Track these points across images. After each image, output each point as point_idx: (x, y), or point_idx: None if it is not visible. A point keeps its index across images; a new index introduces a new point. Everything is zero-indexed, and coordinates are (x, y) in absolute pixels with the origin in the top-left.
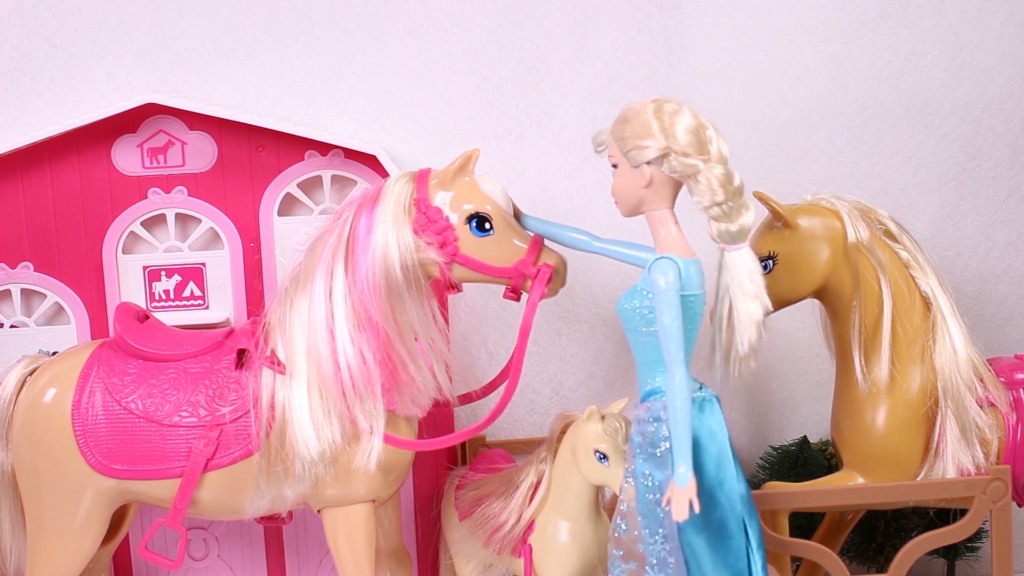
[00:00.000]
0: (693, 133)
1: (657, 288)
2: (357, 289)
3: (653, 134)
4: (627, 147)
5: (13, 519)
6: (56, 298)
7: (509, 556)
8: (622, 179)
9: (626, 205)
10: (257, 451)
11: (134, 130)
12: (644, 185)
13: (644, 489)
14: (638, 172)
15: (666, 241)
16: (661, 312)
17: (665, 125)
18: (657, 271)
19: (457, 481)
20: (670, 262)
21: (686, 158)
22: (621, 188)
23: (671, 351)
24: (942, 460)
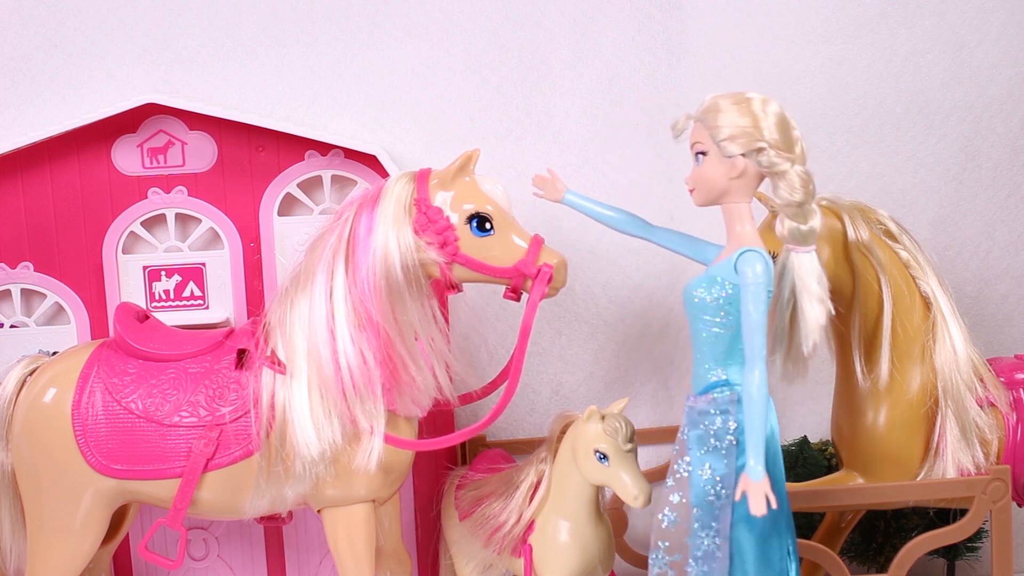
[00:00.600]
0: (785, 130)
1: (746, 280)
2: (357, 289)
3: (754, 126)
4: (722, 135)
5: (13, 519)
6: (56, 298)
7: (509, 556)
8: (710, 168)
9: (708, 194)
10: (257, 451)
11: (134, 130)
12: (735, 176)
13: (704, 481)
14: (730, 162)
15: (745, 235)
16: (749, 304)
17: (765, 119)
18: (746, 263)
19: (457, 481)
20: (759, 255)
21: (779, 155)
22: (708, 176)
23: (755, 345)
24: (942, 460)
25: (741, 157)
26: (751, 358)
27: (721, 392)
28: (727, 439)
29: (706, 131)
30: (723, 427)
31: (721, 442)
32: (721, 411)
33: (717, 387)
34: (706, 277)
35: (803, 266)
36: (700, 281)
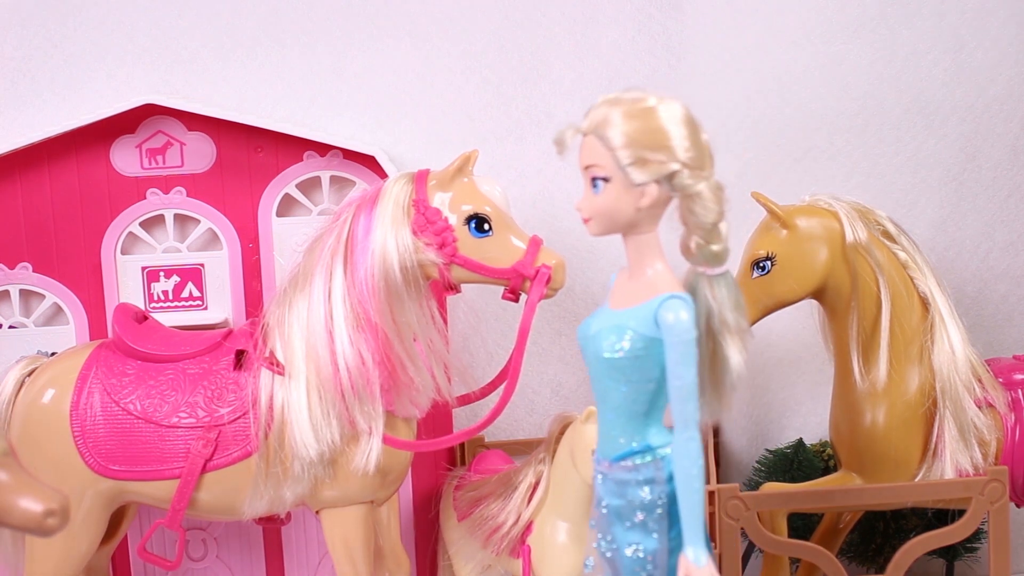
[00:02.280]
0: (697, 140)
1: (672, 335)
2: (356, 290)
3: (666, 146)
4: (627, 159)
5: None
6: (55, 299)
7: (507, 557)
8: (613, 198)
9: (610, 226)
10: (256, 452)
11: (133, 131)
12: (644, 206)
13: (633, 562)
14: (638, 191)
15: (659, 277)
16: (679, 365)
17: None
18: (671, 311)
19: (456, 482)
20: (683, 303)
21: (696, 176)
22: (610, 208)
23: (688, 411)
24: (940, 461)
25: (654, 184)
26: (685, 425)
27: (643, 459)
28: (656, 511)
29: (606, 152)
30: (651, 500)
31: (650, 515)
32: (646, 481)
33: (636, 454)
34: (613, 326)
35: (718, 294)
36: (605, 331)
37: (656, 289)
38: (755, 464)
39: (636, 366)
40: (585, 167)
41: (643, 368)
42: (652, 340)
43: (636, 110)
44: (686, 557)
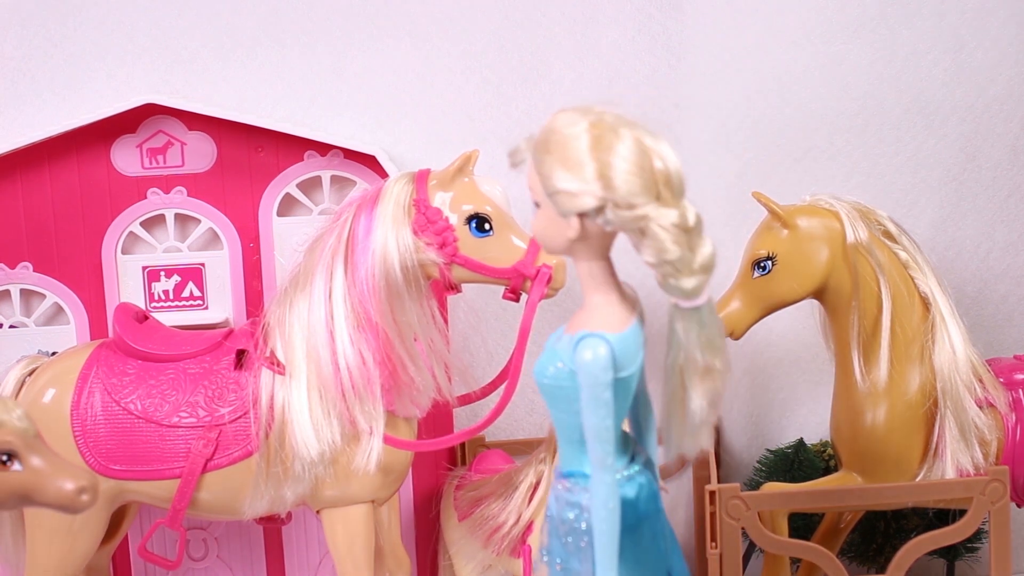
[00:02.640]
0: (637, 172)
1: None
2: (357, 290)
3: (586, 179)
4: (551, 188)
5: (13, 520)
6: (55, 298)
7: (508, 557)
8: (545, 223)
9: (552, 250)
10: (256, 452)
11: (133, 130)
12: (573, 237)
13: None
14: (564, 222)
15: (595, 310)
16: (587, 408)
17: (603, 166)
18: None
19: (456, 482)
20: (600, 342)
21: (629, 211)
22: (544, 233)
23: (597, 453)
24: (941, 461)
25: (575, 218)
26: (595, 466)
27: (576, 483)
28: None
29: (536, 176)
30: (576, 526)
31: (576, 540)
32: (575, 505)
33: (574, 476)
34: (551, 354)
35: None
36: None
37: (586, 323)
38: (756, 464)
39: (562, 395)
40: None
41: (568, 399)
42: (573, 373)
43: (571, 135)
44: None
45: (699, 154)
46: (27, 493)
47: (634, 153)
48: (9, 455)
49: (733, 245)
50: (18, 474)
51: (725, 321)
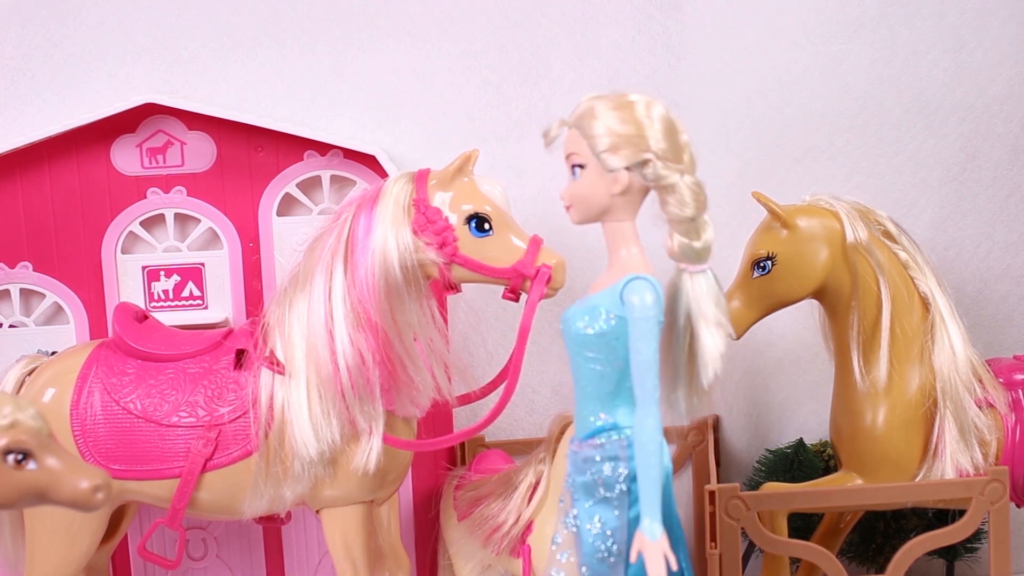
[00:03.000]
0: (673, 136)
1: (634, 312)
2: (356, 289)
3: (639, 135)
4: (602, 146)
5: (13, 520)
6: (55, 298)
7: (507, 556)
8: (589, 183)
9: (587, 212)
10: (256, 451)
11: (133, 130)
12: (618, 192)
13: (593, 537)
14: (611, 177)
15: (631, 260)
16: (639, 341)
17: (651, 125)
18: (634, 292)
19: (456, 481)
20: (648, 283)
21: (667, 166)
22: (586, 193)
23: (647, 387)
24: (941, 461)
25: (625, 171)
26: (643, 401)
27: (608, 437)
28: (617, 488)
29: (583, 140)
30: (612, 475)
31: (611, 491)
32: (609, 457)
33: (603, 431)
34: (587, 307)
35: (698, 288)
36: (580, 311)
37: (625, 270)
38: (755, 464)
39: (604, 344)
40: (567, 156)
41: (610, 346)
42: (619, 319)
43: (616, 104)
44: (641, 531)
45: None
46: (42, 492)
47: (672, 122)
48: (24, 454)
49: (733, 245)
50: (33, 473)
51: None
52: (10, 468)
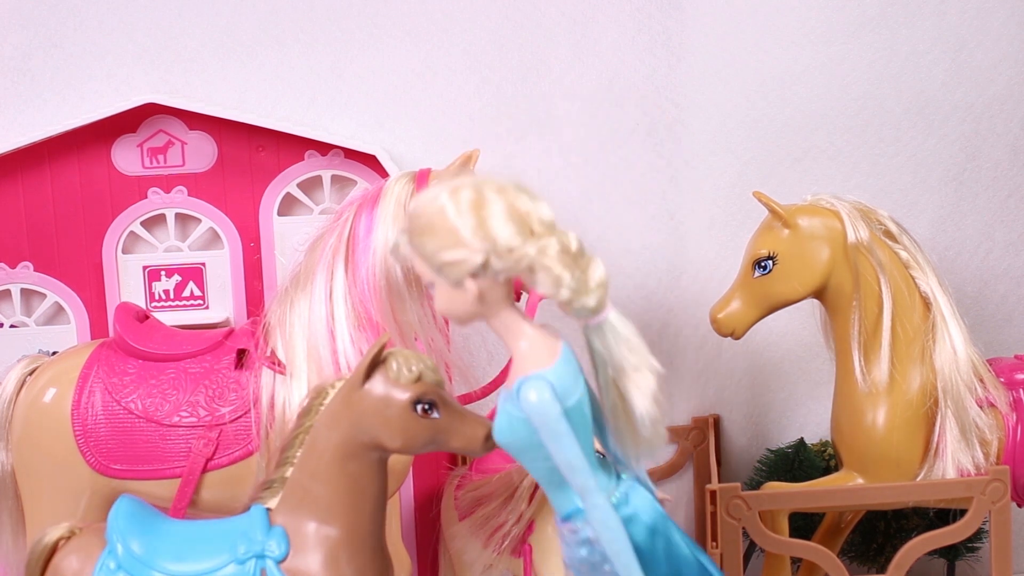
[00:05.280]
0: (507, 217)
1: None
2: (357, 289)
3: (464, 241)
4: (437, 263)
5: (14, 519)
6: (56, 298)
7: (509, 556)
8: (446, 298)
9: (463, 320)
10: (257, 451)
11: (134, 130)
12: (471, 300)
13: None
14: (461, 290)
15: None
16: (551, 443)
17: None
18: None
19: (457, 481)
20: (535, 382)
21: (512, 254)
22: (448, 307)
23: (579, 481)
24: (942, 460)
25: (470, 279)
26: (583, 494)
27: (577, 521)
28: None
29: (421, 260)
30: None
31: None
32: (584, 543)
33: (574, 516)
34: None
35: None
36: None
37: (520, 370)
38: (756, 464)
39: (528, 446)
40: None
41: (535, 446)
42: (526, 421)
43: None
44: None
45: (699, 154)
46: (441, 438)
47: (497, 203)
48: (430, 404)
49: (733, 245)
50: (435, 421)
51: (725, 321)
52: (418, 416)
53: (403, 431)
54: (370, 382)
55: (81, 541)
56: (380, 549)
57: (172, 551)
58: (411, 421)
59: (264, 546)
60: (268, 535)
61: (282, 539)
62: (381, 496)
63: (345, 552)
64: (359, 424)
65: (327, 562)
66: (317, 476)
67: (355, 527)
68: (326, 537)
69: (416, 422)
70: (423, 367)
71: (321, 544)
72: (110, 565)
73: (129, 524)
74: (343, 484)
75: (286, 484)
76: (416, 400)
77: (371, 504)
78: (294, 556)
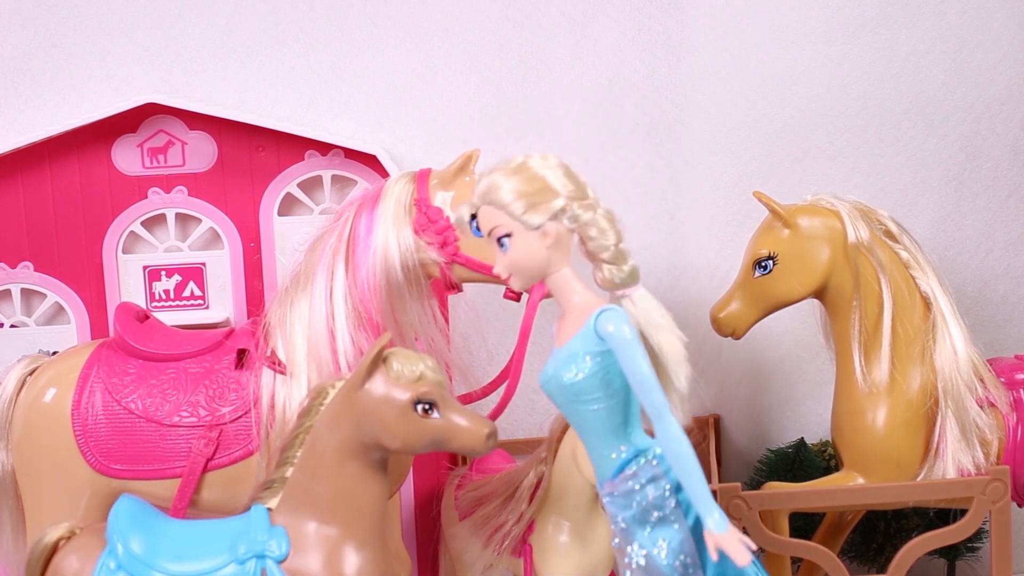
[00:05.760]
0: (573, 178)
1: (616, 340)
2: (358, 289)
3: (547, 187)
4: (521, 208)
5: (14, 519)
6: (56, 298)
7: (509, 556)
8: (523, 247)
9: (530, 274)
10: (257, 451)
11: (134, 130)
12: (550, 244)
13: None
14: (539, 233)
15: (585, 302)
16: (631, 363)
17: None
18: (608, 322)
19: (457, 481)
20: (616, 311)
21: (580, 205)
22: (523, 257)
23: (655, 400)
24: (942, 460)
25: (550, 222)
26: (658, 415)
27: (638, 463)
28: (668, 505)
29: (499, 212)
30: (659, 495)
31: (664, 510)
32: (649, 480)
33: (631, 462)
34: (567, 357)
35: (641, 306)
36: (562, 364)
37: (587, 311)
38: (756, 464)
39: (599, 383)
40: (488, 233)
41: (605, 382)
42: (603, 354)
43: (510, 169)
44: (708, 530)
45: (699, 154)
46: (442, 439)
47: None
48: (431, 404)
49: (733, 245)
50: (436, 421)
51: (726, 321)
52: (418, 416)
53: (403, 431)
54: (370, 382)
55: (81, 541)
56: (380, 549)
57: (172, 551)
58: (411, 421)
59: (264, 546)
60: (268, 535)
61: (282, 539)
62: (381, 496)
63: (345, 552)
64: (359, 424)
65: (327, 562)
66: (317, 476)
67: (355, 527)
68: (326, 537)
69: (416, 422)
70: (424, 367)
71: (321, 544)
72: (110, 565)
73: (129, 524)
74: (343, 484)
75: (286, 484)
76: (416, 400)
77: (371, 504)
78: (294, 556)
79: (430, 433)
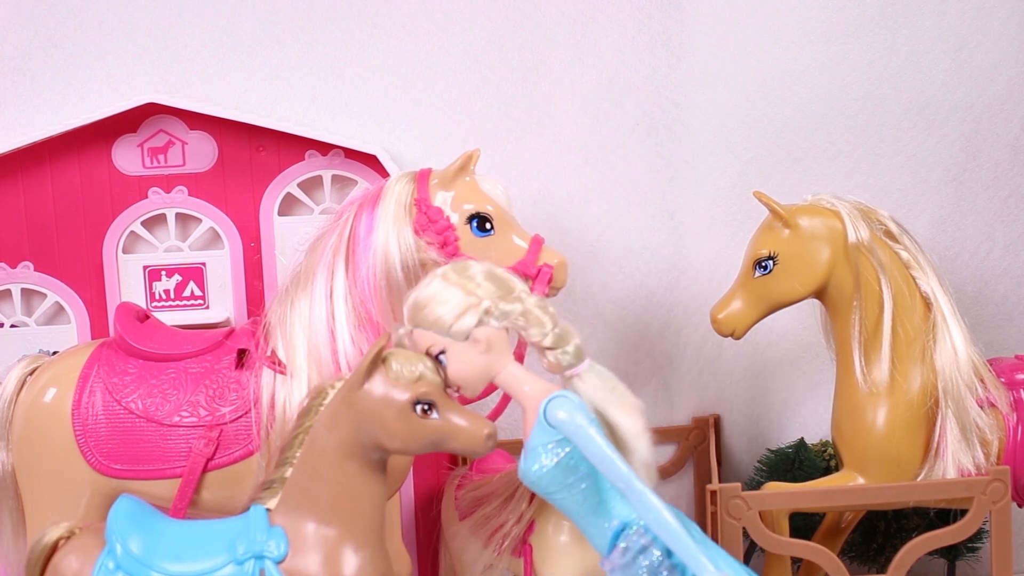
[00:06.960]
0: (492, 277)
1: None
2: (358, 289)
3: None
4: (447, 324)
5: (14, 519)
6: (56, 298)
7: (509, 556)
8: (458, 359)
9: (475, 382)
10: (257, 451)
11: (134, 130)
12: (483, 351)
13: None
14: (469, 343)
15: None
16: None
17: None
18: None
19: (457, 481)
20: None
21: (509, 300)
22: (462, 369)
23: (620, 474)
24: (942, 460)
25: (477, 329)
26: (628, 489)
27: (627, 536)
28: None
29: (428, 332)
30: (652, 563)
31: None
32: (639, 551)
33: (621, 535)
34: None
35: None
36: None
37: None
38: (756, 464)
39: (565, 470)
40: (427, 354)
41: (571, 468)
42: (559, 442)
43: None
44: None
45: (699, 154)
46: (441, 439)
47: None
48: (430, 405)
49: (733, 245)
50: (435, 422)
51: (726, 321)
52: (418, 417)
53: (403, 431)
54: (370, 382)
55: (81, 541)
56: (379, 549)
57: (171, 551)
58: (411, 422)
59: (263, 546)
60: (267, 535)
61: (281, 539)
62: (381, 496)
63: (345, 552)
64: (359, 424)
65: (326, 562)
66: (317, 476)
67: (355, 527)
68: (326, 537)
69: (416, 422)
70: (423, 367)
71: (321, 544)
72: (109, 565)
73: (128, 524)
74: (343, 484)
75: (286, 484)
76: (416, 400)
77: (371, 504)
78: (293, 556)
79: (429, 433)
